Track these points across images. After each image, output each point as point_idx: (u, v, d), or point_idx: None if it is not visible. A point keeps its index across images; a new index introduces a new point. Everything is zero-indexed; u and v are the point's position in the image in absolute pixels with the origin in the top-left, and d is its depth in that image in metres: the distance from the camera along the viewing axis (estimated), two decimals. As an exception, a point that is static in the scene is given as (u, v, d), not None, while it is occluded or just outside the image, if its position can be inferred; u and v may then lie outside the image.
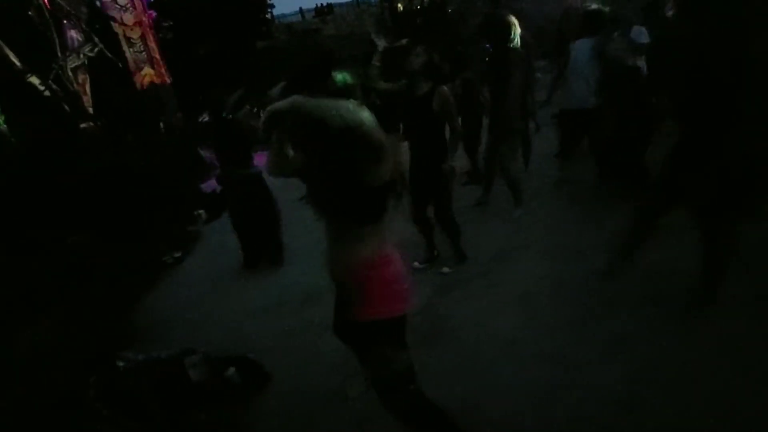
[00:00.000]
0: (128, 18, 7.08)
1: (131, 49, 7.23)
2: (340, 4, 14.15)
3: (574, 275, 2.76)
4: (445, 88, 2.78)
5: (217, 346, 2.53)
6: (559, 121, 4.31)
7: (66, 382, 2.00)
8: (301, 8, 14.17)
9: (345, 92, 1.35)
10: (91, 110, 5.45)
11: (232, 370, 2.32)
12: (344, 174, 1.30)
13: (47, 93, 4.89)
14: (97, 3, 6.54)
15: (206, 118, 7.26)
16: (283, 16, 14.04)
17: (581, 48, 3.55)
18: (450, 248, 3.21)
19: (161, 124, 6.71)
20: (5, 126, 4.40)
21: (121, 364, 2.33)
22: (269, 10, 10.83)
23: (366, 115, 1.29)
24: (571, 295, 2.59)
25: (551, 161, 4.71)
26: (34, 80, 4.76)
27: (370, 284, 1.40)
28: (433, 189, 2.93)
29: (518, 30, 3.27)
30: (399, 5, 11.58)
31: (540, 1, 8.83)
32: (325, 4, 13.78)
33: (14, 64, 4.58)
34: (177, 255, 4.47)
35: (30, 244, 4.02)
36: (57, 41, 5.08)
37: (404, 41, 6.53)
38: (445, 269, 3.13)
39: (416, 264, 3.16)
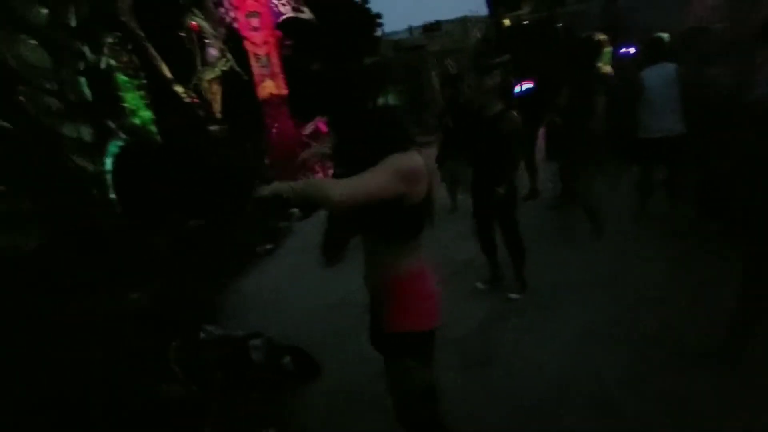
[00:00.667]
0: (258, 37, 8.07)
1: (258, 64, 8.21)
2: (449, 21, 14.25)
3: (644, 323, 2.46)
4: (514, 113, 2.70)
5: (280, 334, 2.76)
6: (636, 151, 3.81)
7: (154, 342, 2.36)
8: (410, 25, 14.66)
9: (389, 112, 1.41)
10: (219, 116, 6.31)
11: (287, 358, 2.51)
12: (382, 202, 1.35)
13: (187, 99, 5.80)
14: (234, 25, 7.57)
15: (311, 128, 7.87)
16: (393, 33, 14.63)
17: (658, 74, 3.36)
18: (513, 273, 3.05)
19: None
20: (152, 123, 5.32)
21: (202, 335, 2.68)
22: (378, 28, 11.42)
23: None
24: (636, 344, 2.31)
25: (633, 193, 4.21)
26: (179, 88, 5.69)
27: (401, 297, 1.43)
28: (496, 209, 2.83)
29: (607, 49, 3.05)
30: (505, 21, 11.30)
31: (664, 12, 7.89)
32: (433, 21, 14.04)
33: (165, 74, 5.53)
34: (268, 247, 4.94)
35: (160, 222, 4.80)
36: (199, 57, 6.01)
37: (506, 57, 6.39)
38: (513, 295, 2.98)
39: (479, 284, 3.06)
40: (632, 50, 5.50)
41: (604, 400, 1.99)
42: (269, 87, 8.22)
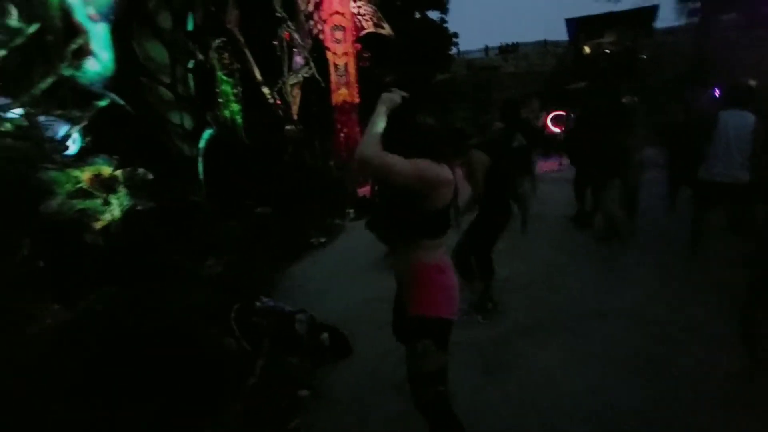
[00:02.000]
0: (339, 49, 8.67)
1: (336, 73, 8.82)
2: (527, 44, 14.16)
3: (674, 358, 2.45)
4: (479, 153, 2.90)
5: (321, 315, 3.08)
6: (697, 190, 3.72)
7: (220, 302, 2.78)
8: (486, 46, 14.77)
9: (429, 132, 1.65)
10: (296, 117, 6.91)
11: (325, 335, 2.82)
12: (409, 201, 1.60)
13: (271, 101, 6.45)
14: (320, 36, 8.21)
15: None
16: (468, 52, 14.81)
17: (735, 120, 3.29)
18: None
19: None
20: (240, 120, 6.00)
21: (258, 304, 3.08)
22: (453, 47, 11.70)
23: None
24: (663, 379, 2.31)
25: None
26: (266, 90, 6.34)
27: (424, 285, 1.65)
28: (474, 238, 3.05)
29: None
30: (586, 48, 11.03)
31: (762, 52, 7.33)
32: (511, 43, 14.03)
33: (256, 77, 6.20)
34: (322, 240, 5.36)
35: (234, 208, 5.40)
36: (286, 63, 6.65)
37: (582, 84, 6.55)
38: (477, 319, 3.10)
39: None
40: (717, 92, 5.28)
41: (614, 428, 2.04)
42: (343, 94, 8.79)
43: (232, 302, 2.86)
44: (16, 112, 2.68)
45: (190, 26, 5.34)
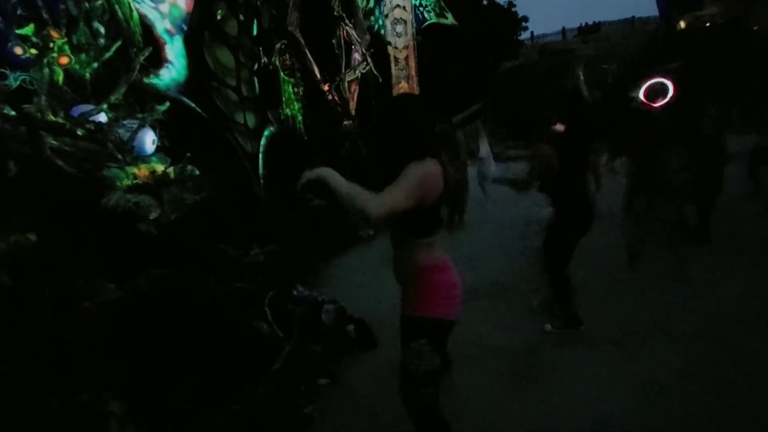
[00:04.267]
0: (400, 42, 8.62)
1: (396, 67, 8.80)
2: (611, 22, 12.70)
3: (720, 383, 2.09)
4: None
5: (354, 307, 3.13)
6: None
7: (258, 289, 2.95)
8: (563, 28, 13.54)
9: (424, 123, 1.58)
10: (353, 113, 7.05)
11: (351, 327, 2.87)
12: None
13: (329, 96, 6.64)
14: (381, 31, 8.23)
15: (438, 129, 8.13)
16: (543, 36, 13.74)
17: None
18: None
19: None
20: (301, 118, 6.27)
21: (294, 292, 3.22)
22: (522, 31, 10.92)
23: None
24: (708, 409, 1.98)
25: None
26: (324, 87, 6.54)
27: (423, 285, 1.59)
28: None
29: None
30: (681, 22, 9.61)
31: None
32: (591, 22, 12.70)
33: (315, 74, 6.42)
34: (371, 233, 5.42)
35: (290, 198, 5.70)
36: (344, 60, 6.79)
37: (675, 65, 5.66)
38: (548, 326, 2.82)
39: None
40: None
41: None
42: (403, 88, 8.73)
43: (269, 289, 3.02)
44: (97, 117, 3.09)
45: (254, 31, 5.69)
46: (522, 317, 3.03)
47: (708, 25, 9.23)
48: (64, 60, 3.40)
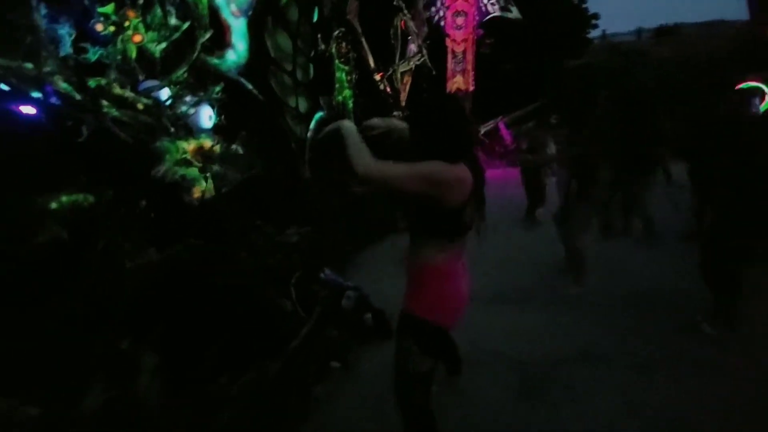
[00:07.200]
0: (459, 35, 8.33)
1: (453, 60, 8.54)
2: (692, 24, 11.43)
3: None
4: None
5: (377, 296, 3.11)
6: None
7: (287, 268, 3.01)
8: (639, 27, 12.36)
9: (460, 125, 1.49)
10: (403, 104, 6.95)
11: (369, 315, 2.86)
12: (421, 201, 1.46)
13: (381, 86, 6.59)
14: (441, 23, 7.99)
15: (489, 126, 7.85)
16: (616, 34, 12.65)
17: None
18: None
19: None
20: (351, 105, 6.28)
21: (322, 275, 3.26)
22: (592, 29, 10.09)
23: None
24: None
25: None
26: (376, 77, 6.49)
27: (422, 286, 1.52)
28: None
29: None
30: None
31: None
32: (672, 23, 11.50)
33: (369, 63, 6.38)
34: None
35: (334, 186, 5.76)
36: (399, 51, 6.68)
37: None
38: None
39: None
40: None
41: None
42: (458, 82, 8.47)
43: (297, 269, 3.08)
44: (160, 93, 3.27)
45: (314, 18, 5.73)
46: (546, 329, 2.86)
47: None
48: (137, 38, 3.62)
